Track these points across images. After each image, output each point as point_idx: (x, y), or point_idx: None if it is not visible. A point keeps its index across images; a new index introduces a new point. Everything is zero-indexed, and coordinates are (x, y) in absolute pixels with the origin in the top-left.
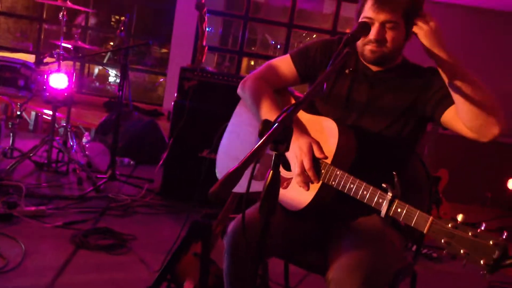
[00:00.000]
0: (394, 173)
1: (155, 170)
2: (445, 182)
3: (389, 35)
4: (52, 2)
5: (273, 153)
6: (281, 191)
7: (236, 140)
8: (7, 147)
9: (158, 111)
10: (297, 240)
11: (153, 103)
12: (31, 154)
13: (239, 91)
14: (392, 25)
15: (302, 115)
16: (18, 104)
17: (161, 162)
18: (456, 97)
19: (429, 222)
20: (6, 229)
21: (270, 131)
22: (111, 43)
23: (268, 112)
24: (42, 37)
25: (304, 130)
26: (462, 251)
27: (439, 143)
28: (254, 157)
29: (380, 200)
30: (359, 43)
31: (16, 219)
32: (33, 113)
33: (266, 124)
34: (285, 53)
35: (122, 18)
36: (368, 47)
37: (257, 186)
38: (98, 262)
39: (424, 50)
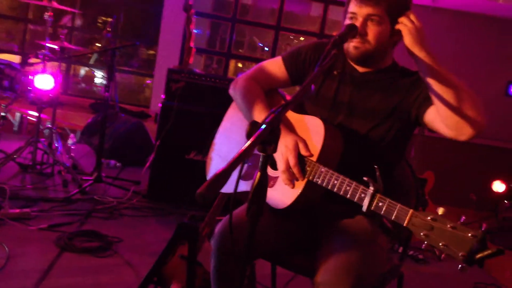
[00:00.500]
0: (375, 167)
1: (141, 172)
2: (431, 185)
3: (372, 29)
4: (37, 2)
5: (261, 153)
6: (268, 190)
7: (228, 141)
8: None
9: (145, 113)
10: (284, 241)
11: (140, 104)
12: (15, 156)
13: (230, 91)
14: (375, 19)
15: (290, 115)
16: (2, 105)
17: (147, 164)
18: (433, 94)
19: (409, 215)
20: None
21: (257, 133)
22: (98, 44)
23: (258, 113)
24: (28, 37)
25: (290, 129)
26: (440, 244)
27: (425, 146)
28: (241, 158)
29: (362, 195)
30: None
31: (0, 222)
32: (17, 114)
33: (254, 125)
34: (272, 55)
35: (109, 19)
36: (352, 44)
37: (245, 186)
38: (83, 265)
39: (406, 48)
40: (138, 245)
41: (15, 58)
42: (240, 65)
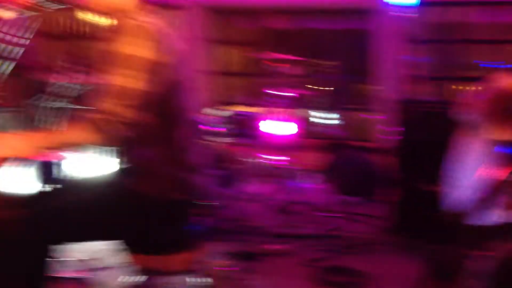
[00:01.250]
0: None
1: (383, 206)
2: None
3: None
4: (263, 56)
5: None
6: None
7: (465, 168)
8: (242, 192)
9: (374, 147)
10: None
11: (367, 139)
12: (265, 197)
13: (462, 116)
14: None
15: None
16: (249, 151)
17: (388, 198)
18: None
19: None
20: (252, 266)
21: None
22: (317, 87)
23: (502, 134)
24: (264, 90)
25: None
26: None
27: None
28: (495, 185)
29: None
30: None
31: (260, 257)
32: (260, 160)
33: (502, 148)
34: (493, 72)
35: (326, 61)
36: None
37: (503, 217)
38: None
39: None
40: (388, 281)
41: (254, 109)
42: (460, 87)
